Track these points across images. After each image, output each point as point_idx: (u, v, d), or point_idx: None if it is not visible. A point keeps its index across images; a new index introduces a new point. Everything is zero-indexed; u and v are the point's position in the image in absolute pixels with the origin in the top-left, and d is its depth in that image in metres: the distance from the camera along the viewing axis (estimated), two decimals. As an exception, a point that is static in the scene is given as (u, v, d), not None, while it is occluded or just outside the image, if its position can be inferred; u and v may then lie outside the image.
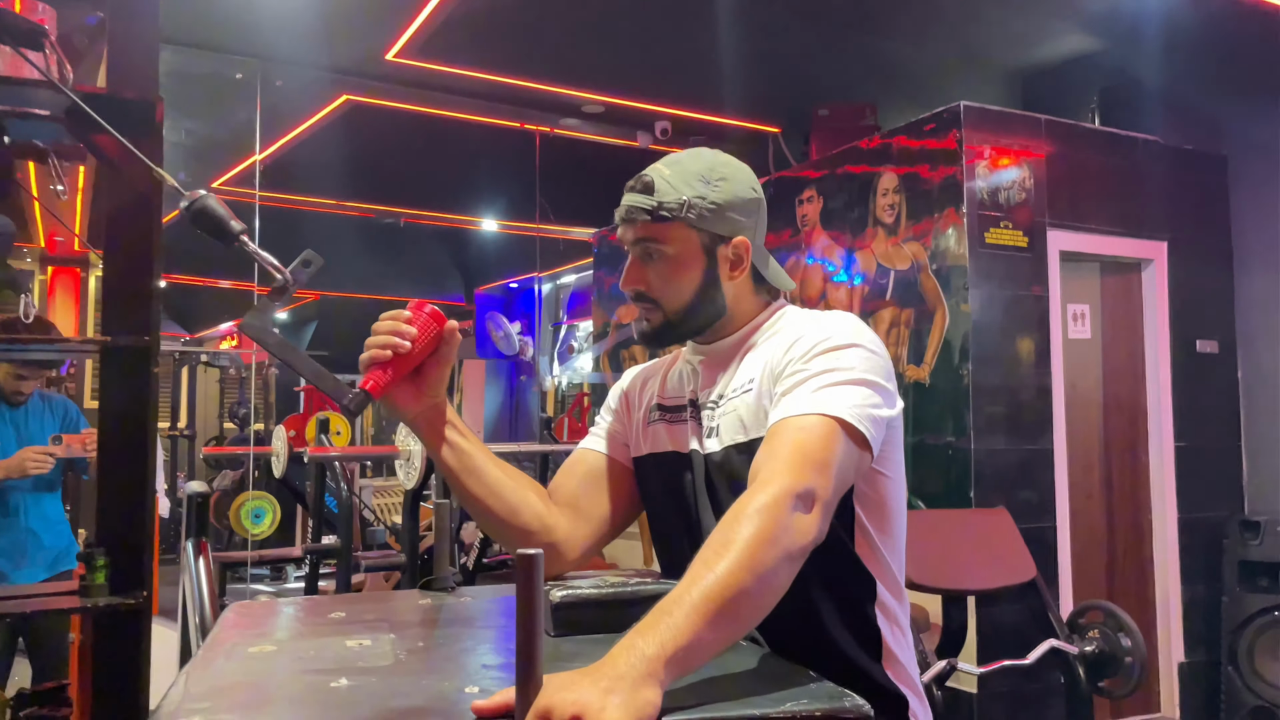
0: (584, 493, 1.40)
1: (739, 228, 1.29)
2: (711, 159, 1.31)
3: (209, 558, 1.93)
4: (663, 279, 1.29)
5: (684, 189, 1.27)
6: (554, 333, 8.42)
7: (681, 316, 1.30)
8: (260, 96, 3.92)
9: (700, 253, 1.28)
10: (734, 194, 1.29)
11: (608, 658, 0.89)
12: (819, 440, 1.10)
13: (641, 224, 1.28)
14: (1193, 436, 4.00)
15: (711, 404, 1.31)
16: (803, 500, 1.04)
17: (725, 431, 1.27)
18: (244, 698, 0.96)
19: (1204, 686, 3.92)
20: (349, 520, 4.09)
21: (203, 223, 1.16)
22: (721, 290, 1.30)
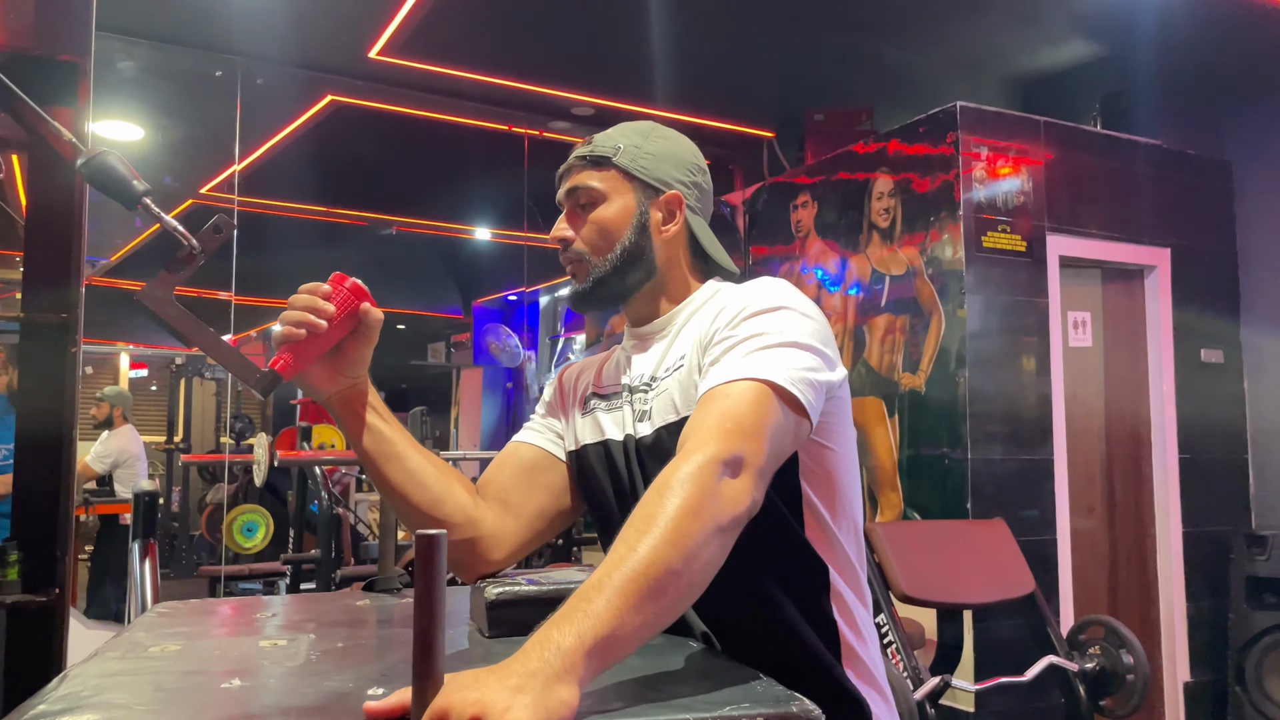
0: (514, 487, 1.30)
1: (673, 183, 1.26)
2: (653, 124, 1.31)
3: (155, 559, 1.84)
4: (591, 226, 1.24)
5: (620, 139, 1.26)
6: (551, 345, 8.35)
7: (609, 270, 1.24)
8: (240, 95, 3.85)
9: (631, 200, 1.24)
10: (671, 150, 1.27)
11: (519, 652, 0.79)
12: (747, 405, 1.02)
13: (575, 170, 1.26)
14: (1197, 448, 3.89)
15: (644, 386, 1.25)
16: (730, 467, 0.95)
17: (657, 413, 1.21)
18: (120, 698, 0.86)
19: (1210, 707, 3.79)
20: (330, 530, 3.99)
21: (101, 182, 1.07)
22: (652, 246, 1.25)
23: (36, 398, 1.40)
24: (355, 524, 5.85)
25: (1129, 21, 3.72)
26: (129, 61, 3.56)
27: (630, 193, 1.25)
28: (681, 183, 1.28)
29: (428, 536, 0.74)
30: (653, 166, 1.26)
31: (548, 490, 1.31)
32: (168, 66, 3.76)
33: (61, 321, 1.36)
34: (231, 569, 5.86)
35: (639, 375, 1.26)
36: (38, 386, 1.40)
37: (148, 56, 3.64)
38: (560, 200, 1.29)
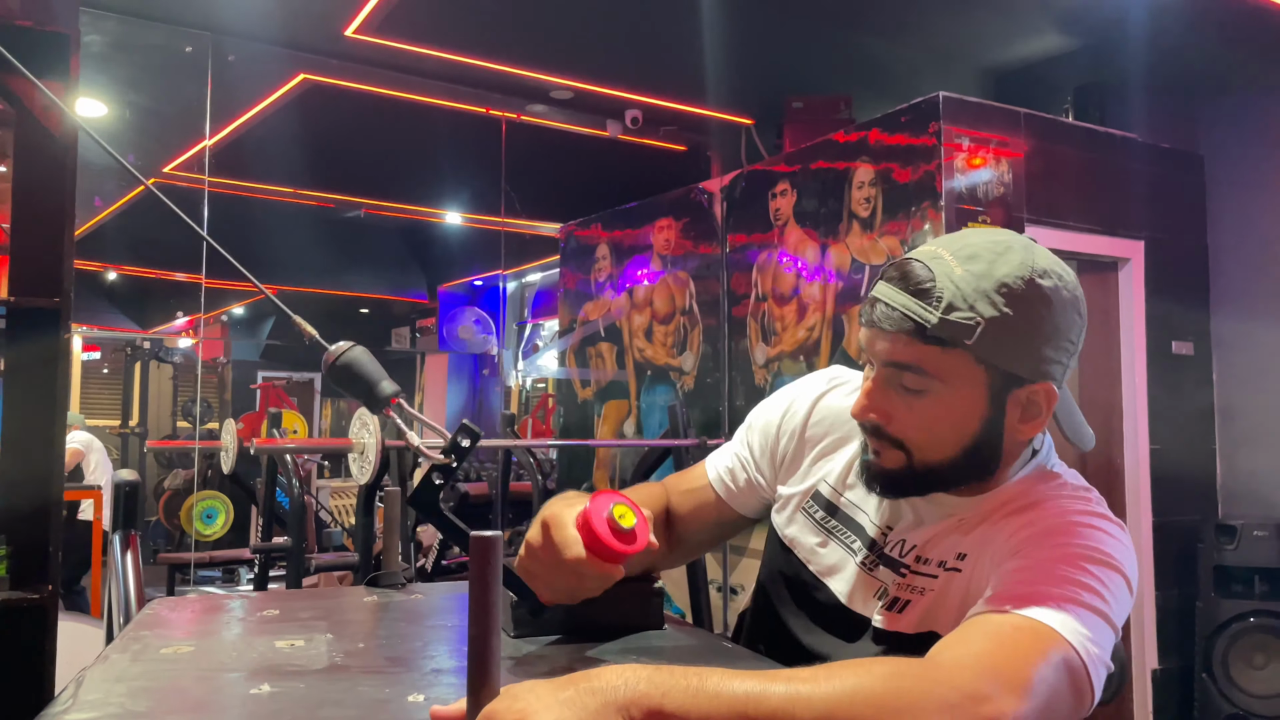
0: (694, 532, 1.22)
1: (1047, 369, 0.95)
2: (1027, 259, 0.94)
3: (138, 551, 1.78)
4: (919, 422, 0.96)
5: (980, 304, 0.91)
6: (519, 331, 8.28)
7: (935, 471, 0.98)
8: (211, 72, 3.75)
9: (984, 398, 0.94)
10: (1053, 318, 0.93)
11: (595, 669, 0.73)
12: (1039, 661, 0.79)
13: (902, 341, 0.93)
14: (1168, 439, 3.94)
15: (905, 567, 1.02)
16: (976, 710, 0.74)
17: (915, 612, 0.98)
18: (143, 705, 0.81)
19: (1178, 694, 3.86)
20: (300, 518, 3.92)
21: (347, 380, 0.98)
22: (1001, 446, 0.97)
23: (25, 387, 1.33)
24: (318, 511, 5.78)
25: (1102, 14, 3.74)
26: (95, 35, 3.44)
27: (983, 384, 0.94)
28: (1055, 366, 0.96)
29: (483, 539, 0.70)
30: (1025, 352, 0.93)
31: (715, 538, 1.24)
32: (136, 41, 3.65)
33: (53, 306, 1.29)
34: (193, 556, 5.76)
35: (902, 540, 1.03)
36: (27, 375, 1.33)
37: (115, 31, 3.53)
38: (867, 354, 0.99)
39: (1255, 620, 3.65)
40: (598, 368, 5.05)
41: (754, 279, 4.28)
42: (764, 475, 1.19)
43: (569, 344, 5.27)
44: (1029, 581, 0.86)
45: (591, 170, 5.40)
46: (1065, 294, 0.95)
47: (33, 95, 1.24)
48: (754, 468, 1.19)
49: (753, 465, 1.19)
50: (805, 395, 1.18)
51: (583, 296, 5.33)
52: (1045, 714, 0.78)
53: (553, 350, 7.18)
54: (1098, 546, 0.90)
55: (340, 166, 5.40)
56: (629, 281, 4.93)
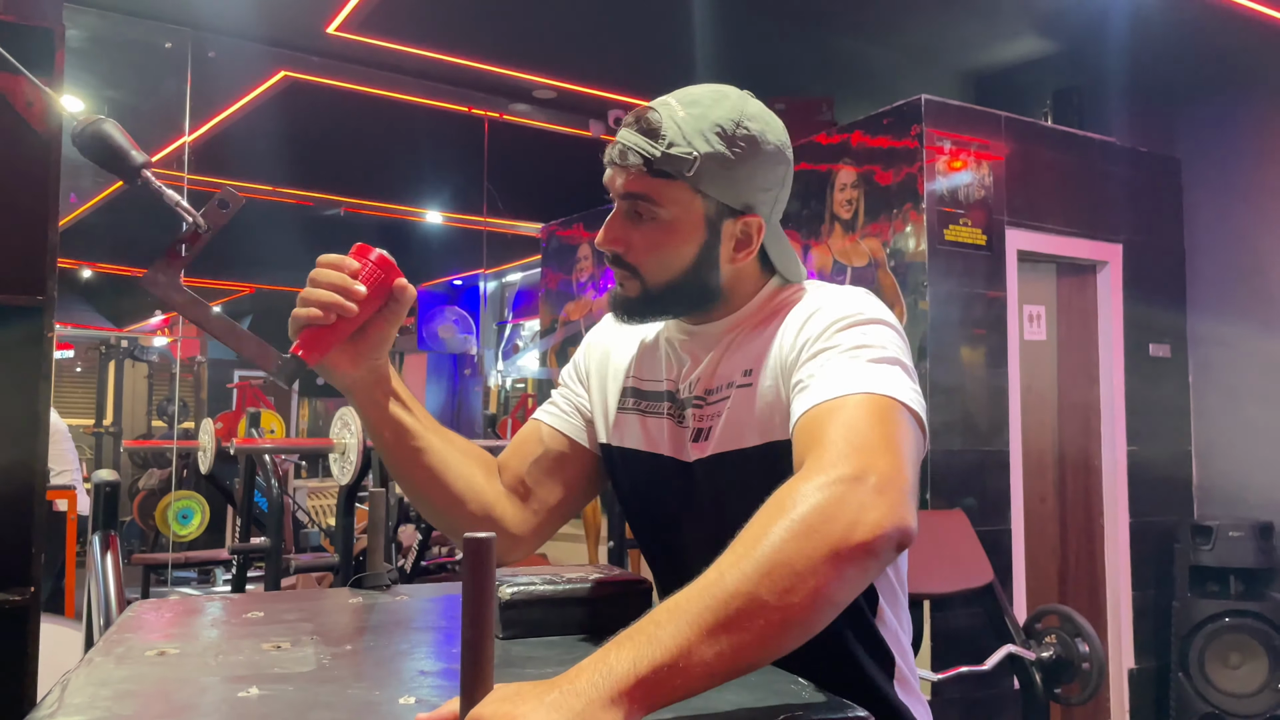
0: (537, 476, 1.22)
1: (756, 201, 1.07)
2: (739, 105, 1.07)
3: (117, 552, 1.76)
4: (649, 245, 1.08)
5: (697, 141, 1.03)
6: (498, 331, 8.26)
7: (664, 292, 1.09)
8: (191, 68, 3.71)
9: (701, 223, 1.06)
10: (758, 158, 1.06)
11: (574, 668, 0.74)
12: (874, 419, 0.89)
13: (635, 174, 1.05)
14: (1145, 440, 3.98)
15: (697, 400, 1.12)
16: (861, 485, 0.81)
17: (716, 435, 1.08)
18: (131, 709, 0.80)
19: (1154, 693, 3.89)
20: (279, 519, 3.88)
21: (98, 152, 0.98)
22: (719, 270, 1.09)
23: (7, 386, 1.31)
24: (295, 511, 5.74)
25: (1081, 19, 3.77)
26: (74, 30, 3.40)
27: (700, 212, 1.06)
28: (763, 200, 1.09)
29: (477, 540, 0.70)
30: (732, 184, 1.06)
31: (571, 483, 1.23)
32: (115, 36, 3.61)
33: (35, 304, 1.28)
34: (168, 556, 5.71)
35: (689, 382, 1.13)
36: (8, 374, 1.31)
37: (94, 25, 3.49)
38: (610, 192, 1.11)
39: (1230, 620, 3.69)
40: (579, 368, 5.03)
41: (736, 280, 4.28)
42: (578, 395, 1.26)
43: (550, 344, 5.26)
44: (828, 369, 0.96)
45: (574, 170, 5.37)
46: (770, 137, 1.07)
47: (16, 90, 1.22)
48: (574, 394, 1.27)
49: (572, 393, 1.27)
50: (594, 330, 1.31)
51: (564, 296, 5.32)
52: (915, 458, 0.89)
53: (534, 350, 7.17)
54: (857, 312, 1.01)
55: (321, 165, 5.36)
56: (611, 282, 4.93)
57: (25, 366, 1.31)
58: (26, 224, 1.30)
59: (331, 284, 1.02)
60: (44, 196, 1.32)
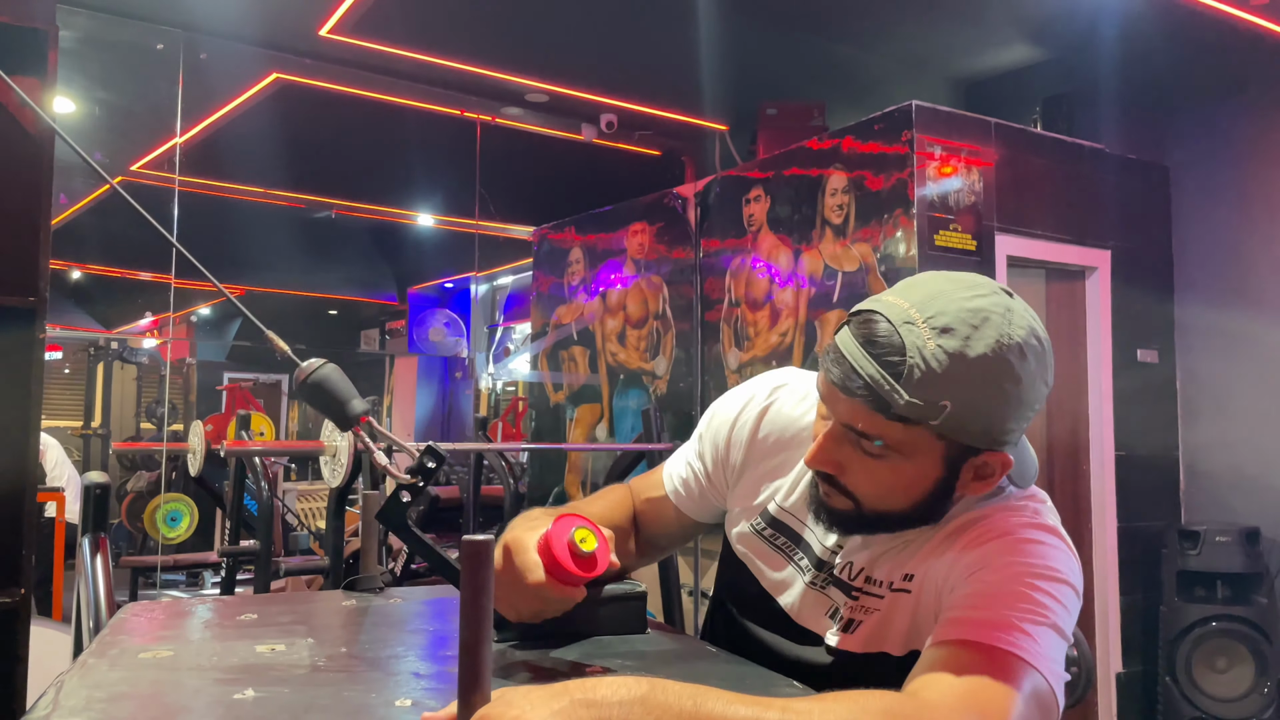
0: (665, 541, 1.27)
1: (1006, 439, 0.93)
2: (1002, 328, 0.89)
3: (107, 555, 1.75)
4: (871, 480, 0.96)
5: (950, 388, 0.88)
6: (489, 335, 8.25)
7: (883, 519, 0.99)
8: (183, 70, 3.70)
9: (940, 466, 0.94)
10: (1020, 393, 0.91)
11: (590, 680, 0.74)
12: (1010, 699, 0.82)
13: (863, 412, 0.91)
14: (1132, 445, 4.00)
15: (856, 590, 1.03)
16: None
17: (864, 632, 1.00)
18: (127, 711, 0.81)
19: (1141, 697, 3.91)
20: (269, 521, 3.88)
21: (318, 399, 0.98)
22: (950, 502, 0.98)
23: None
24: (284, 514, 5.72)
25: (1071, 26, 3.80)
26: (66, 31, 3.37)
27: (939, 455, 0.93)
28: (1013, 437, 0.95)
29: (476, 542, 0.70)
30: (985, 426, 0.92)
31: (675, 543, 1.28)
32: (107, 37, 3.60)
33: (28, 306, 1.27)
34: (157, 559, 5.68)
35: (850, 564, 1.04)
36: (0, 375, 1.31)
37: (86, 26, 3.48)
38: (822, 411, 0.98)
39: (1218, 624, 3.71)
40: (570, 371, 5.04)
41: (727, 284, 4.30)
42: (716, 486, 1.19)
43: (542, 347, 5.26)
44: (988, 606, 0.87)
45: (566, 174, 5.40)
46: (1033, 367, 0.92)
47: (8, 92, 1.22)
48: (706, 478, 1.20)
49: (705, 476, 1.20)
50: (753, 405, 1.17)
51: (556, 300, 5.33)
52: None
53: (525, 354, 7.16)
54: (1045, 562, 0.91)
55: (312, 167, 5.35)
56: (602, 285, 4.93)
57: (17, 368, 1.30)
58: (19, 225, 1.30)
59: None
60: (36, 198, 1.32)
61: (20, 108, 1.24)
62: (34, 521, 1.33)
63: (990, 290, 0.94)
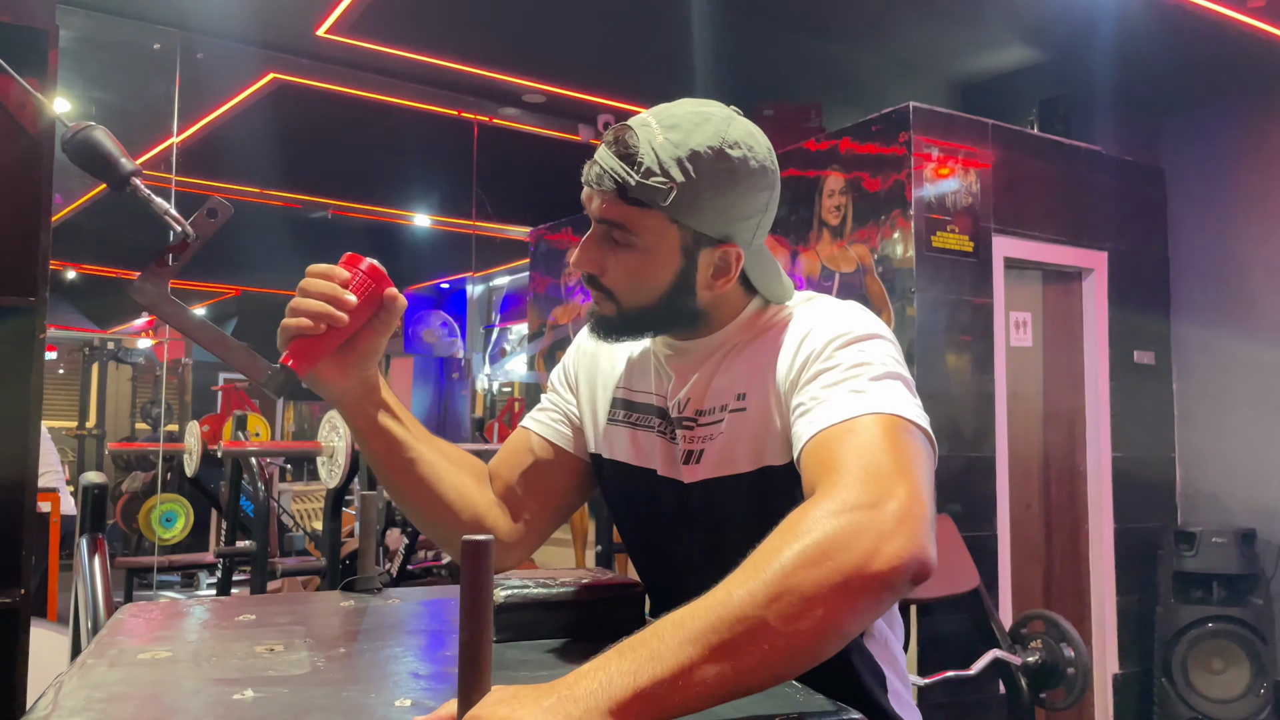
0: (527, 484, 1.21)
1: (735, 230, 1.04)
2: (721, 129, 1.02)
3: (105, 555, 1.75)
4: (624, 271, 1.05)
5: (674, 169, 0.99)
6: (485, 335, 8.24)
7: (640, 315, 1.08)
8: (180, 70, 3.70)
9: (677, 252, 1.04)
10: (738, 187, 1.02)
11: (575, 672, 0.74)
12: (886, 442, 0.86)
13: (610, 199, 1.03)
14: (1129, 447, 4.01)
15: (688, 420, 1.10)
16: (876, 513, 0.79)
17: (710, 458, 1.07)
18: (126, 712, 0.80)
19: (1138, 698, 3.92)
20: (265, 522, 3.87)
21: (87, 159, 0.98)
22: (696, 296, 1.07)
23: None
24: (280, 515, 5.71)
25: (1068, 28, 3.80)
26: (63, 31, 3.38)
27: (675, 240, 1.03)
28: (743, 228, 1.05)
29: (474, 542, 0.70)
30: (713, 215, 1.02)
31: (561, 491, 1.23)
32: (104, 37, 3.59)
33: (27, 305, 1.27)
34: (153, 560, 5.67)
35: (679, 400, 1.11)
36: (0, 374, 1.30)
37: (83, 26, 3.47)
38: (585, 209, 1.08)
39: (1213, 625, 3.72)
40: (567, 372, 5.03)
41: (724, 285, 4.29)
42: (568, 402, 1.25)
43: (538, 348, 5.26)
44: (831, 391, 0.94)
45: (563, 174, 5.36)
46: (753, 164, 1.02)
47: (7, 91, 1.22)
48: (563, 402, 1.26)
49: (561, 400, 1.26)
50: (583, 333, 1.25)
51: (552, 300, 5.32)
52: (927, 478, 0.86)
53: (521, 354, 7.16)
54: (851, 329, 1.00)
55: (309, 167, 5.35)
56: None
57: (16, 367, 1.30)
58: (18, 225, 1.30)
59: (322, 293, 1.01)
60: (35, 197, 1.32)
61: (20, 107, 1.24)
62: (33, 522, 1.33)
63: (721, 108, 1.06)
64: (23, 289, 1.28)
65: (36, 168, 1.32)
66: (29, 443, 1.31)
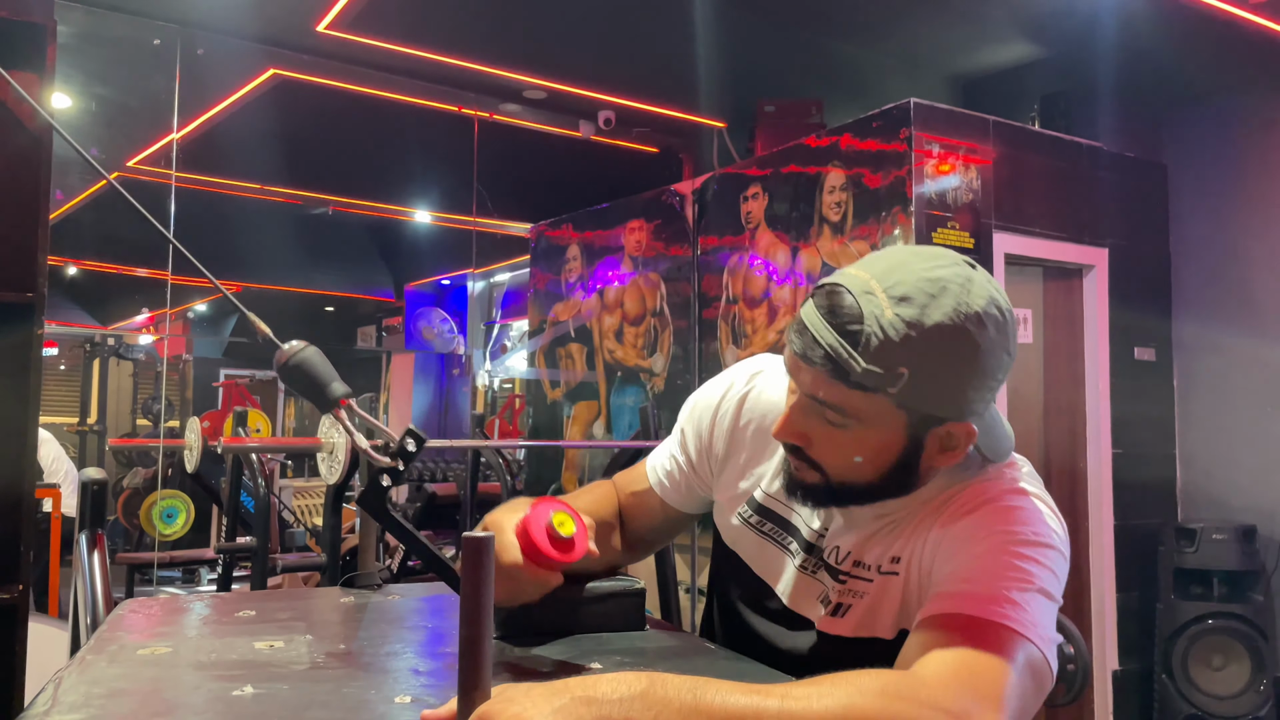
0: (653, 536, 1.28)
1: (968, 409, 0.93)
2: (960, 297, 0.90)
3: (104, 551, 1.75)
4: (835, 449, 0.96)
5: (907, 353, 0.88)
6: (486, 331, 8.24)
7: (851, 490, 0.99)
8: (180, 66, 3.69)
9: (901, 435, 0.94)
10: (979, 362, 0.91)
11: (590, 677, 0.74)
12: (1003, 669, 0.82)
13: (824, 380, 0.92)
14: (1129, 444, 4.00)
15: (844, 574, 1.03)
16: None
17: (854, 616, 1.01)
18: (126, 708, 0.80)
19: (1138, 695, 3.92)
20: (266, 518, 3.87)
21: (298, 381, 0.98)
22: (918, 474, 0.98)
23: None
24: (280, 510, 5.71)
25: (1069, 24, 3.80)
26: (62, 26, 3.37)
27: (902, 425, 0.94)
28: (977, 407, 0.95)
29: (475, 540, 0.70)
30: (944, 396, 0.92)
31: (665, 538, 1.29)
32: (103, 33, 3.59)
33: (26, 302, 1.27)
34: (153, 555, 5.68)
35: (837, 548, 1.05)
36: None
37: (82, 22, 3.47)
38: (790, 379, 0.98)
39: (1214, 622, 3.71)
40: (567, 369, 5.04)
41: (725, 282, 4.29)
42: (700, 476, 1.20)
43: (539, 345, 5.25)
44: (974, 579, 0.88)
45: (563, 171, 5.39)
46: (993, 336, 0.91)
47: (6, 87, 1.22)
48: (690, 468, 1.20)
49: (689, 466, 1.20)
50: (733, 393, 1.17)
51: (553, 297, 5.32)
52: (1020, 716, 0.84)
53: (522, 351, 7.16)
54: (1030, 527, 0.93)
55: (309, 163, 5.35)
56: (599, 283, 4.93)
57: (15, 365, 1.30)
58: (16, 220, 1.30)
59: None
60: (34, 193, 1.32)
61: (18, 103, 1.24)
62: (33, 518, 1.33)
63: (951, 262, 0.95)
64: (21, 285, 1.28)
65: (35, 164, 1.31)
66: (28, 440, 1.31)
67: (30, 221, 1.30)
